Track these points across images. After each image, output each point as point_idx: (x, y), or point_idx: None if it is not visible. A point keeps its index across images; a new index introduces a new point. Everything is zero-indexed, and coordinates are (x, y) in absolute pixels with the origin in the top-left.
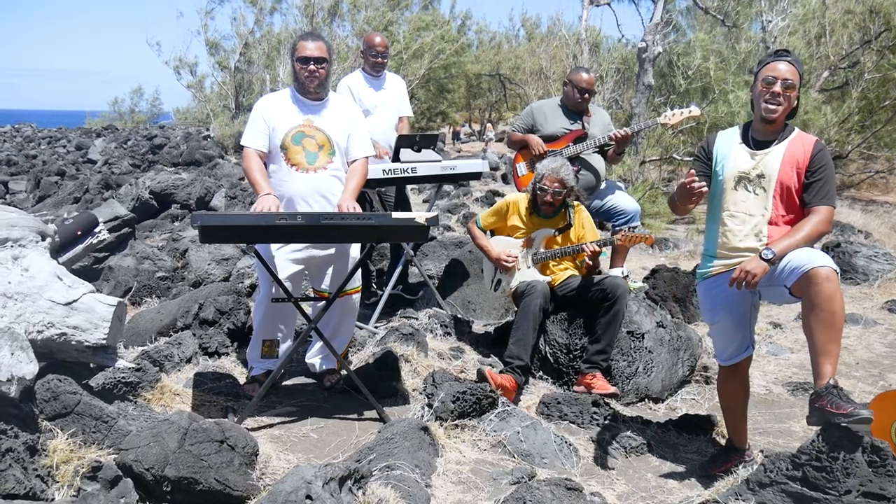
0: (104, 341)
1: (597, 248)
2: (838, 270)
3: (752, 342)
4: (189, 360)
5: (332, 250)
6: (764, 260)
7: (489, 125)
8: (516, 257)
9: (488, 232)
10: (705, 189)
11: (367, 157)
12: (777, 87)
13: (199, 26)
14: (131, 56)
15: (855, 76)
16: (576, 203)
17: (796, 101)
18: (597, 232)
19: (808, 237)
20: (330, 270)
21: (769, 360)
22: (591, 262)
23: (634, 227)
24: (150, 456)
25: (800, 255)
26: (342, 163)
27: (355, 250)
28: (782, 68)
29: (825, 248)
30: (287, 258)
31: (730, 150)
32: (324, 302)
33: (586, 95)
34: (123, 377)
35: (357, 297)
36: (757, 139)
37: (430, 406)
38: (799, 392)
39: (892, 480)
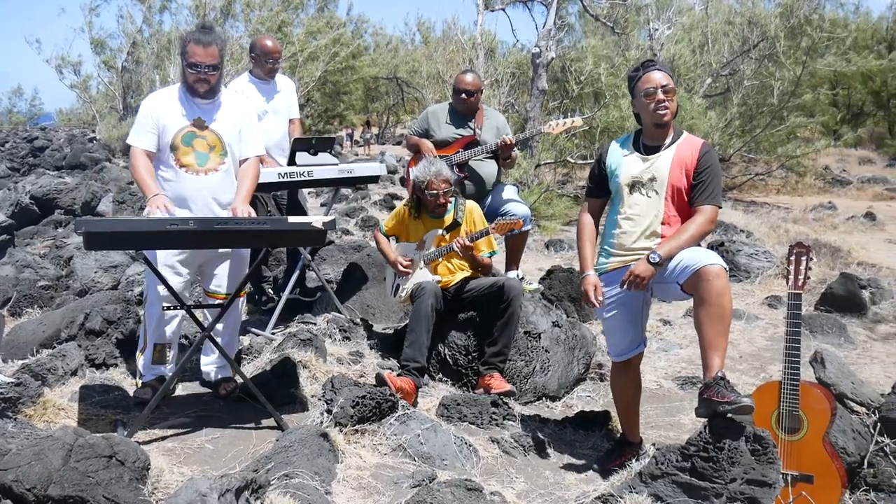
0: None
1: (467, 243)
2: (727, 268)
3: (643, 340)
4: (74, 373)
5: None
6: (651, 263)
7: (363, 128)
8: (411, 260)
9: (392, 238)
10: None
11: (258, 157)
12: (660, 94)
13: (83, 23)
14: (7, 54)
15: (736, 83)
16: (466, 200)
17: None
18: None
19: (692, 238)
20: (222, 270)
21: (659, 356)
22: (464, 257)
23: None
24: (31, 475)
25: (690, 255)
26: (234, 164)
27: (247, 249)
28: (657, 77)
29: (710, 248)
30: (174, 259)
31: (622, 157)
32: (218, 309)
33: (463, 96)
34: (2, 393)
35: (242, 300)
36: (647, 145)
37: (329, 412)
38: (688, 386)
39: (773, 467)
